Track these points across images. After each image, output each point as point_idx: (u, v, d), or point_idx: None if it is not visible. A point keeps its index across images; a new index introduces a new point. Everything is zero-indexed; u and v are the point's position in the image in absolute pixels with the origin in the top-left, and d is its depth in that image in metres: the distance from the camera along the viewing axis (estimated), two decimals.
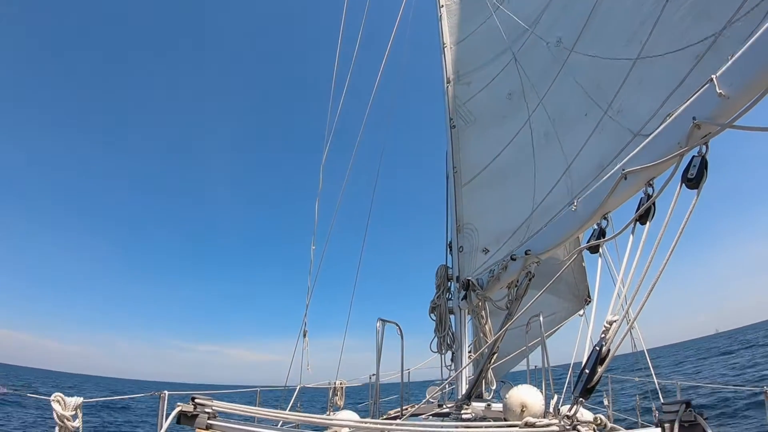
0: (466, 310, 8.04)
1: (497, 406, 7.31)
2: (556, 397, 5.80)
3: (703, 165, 3.09)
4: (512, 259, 6.13)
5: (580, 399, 3.40)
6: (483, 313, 7.48)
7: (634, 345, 7.71)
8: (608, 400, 9.13)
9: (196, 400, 4.02)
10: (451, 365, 8.93)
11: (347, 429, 5.37)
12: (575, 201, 4.73)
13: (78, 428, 4.13)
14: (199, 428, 3.91)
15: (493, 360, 6.94)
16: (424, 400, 7.94)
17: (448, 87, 9.65)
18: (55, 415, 4.01)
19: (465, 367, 7.66)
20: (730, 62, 2.90)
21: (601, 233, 4.29)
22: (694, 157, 3.17)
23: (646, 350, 8.15)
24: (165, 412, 5.88)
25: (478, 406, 7.20)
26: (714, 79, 2.97)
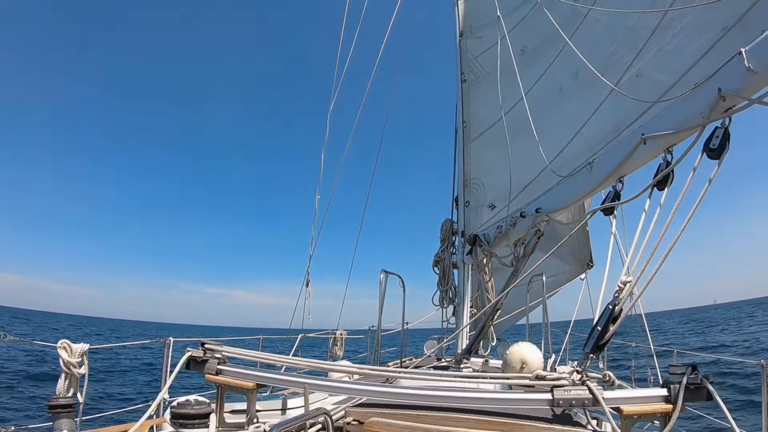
0: (470, 265, 8.13)
1: (495, 363, 7.46)
2: (553, 356, 5.91)
3: (726, 137, 3.15)
4: (522, 216, 6.18)
5: (591, 355, 3.52)
6: (487, 269, 7.57)
7: (634, 308, 7.83)
8: (603, 363, 9.28)
9: (206, 346, 4.10)
10: (451, 319, 9.06)
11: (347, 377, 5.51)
12: (591, 162, 4.78)
13: (84, 375, 4.22)
14: (208, 374, 4.00)
15: (495, 317, 7.06)
16: (424, 356, 8.07)
17: (460, 40, 9.59)
18: (61, 362, 4.10)
19: (469, 324, 7.79)
20: (761, 37, 2.94)
21: (616, 196, 4.36)
22: (717, 128, 3.22)
23: (644, 314, 8.27)
24: (170, 359, 5.99)
25: (476, 361, 7.34)
26: (743, 52, 3.01)
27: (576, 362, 3.58)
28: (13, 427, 4.67)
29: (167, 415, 4.20)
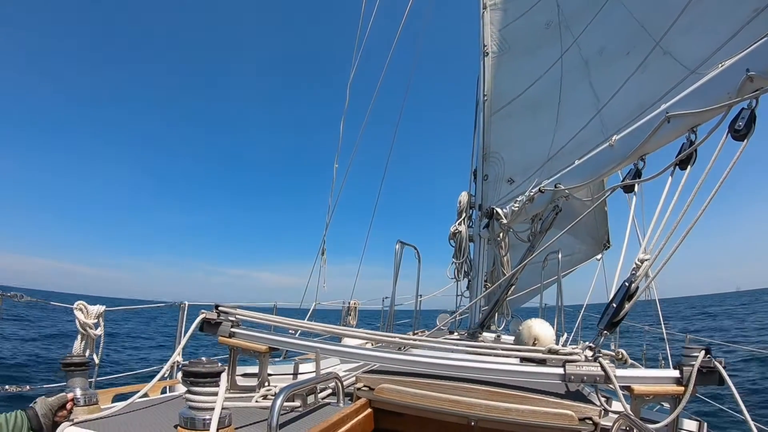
0: (486, 239, 8.11)
1: (507, 338, 7.47)
2: (565, 335, 5.90)
3: (752, 119, 3.11)
4: (540, 191, 6.14)
5: (605, 332, 3.52)
6: (503, 243, 7.54)
7: (648, 293, 7.79)
8: (615, 345, 9.28)
9: (219, 308, 4.13)
10: (464, 293, 9.08)
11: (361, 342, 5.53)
12: (613, 138, 4.73)
13: (100, 336, 4.28)
14: (222, 336, 4.04)
15: (509, 291, 7.05)
16: (435, 328, 8.11)
17: (483, 12, 9.44)
18: (77, 323, 4.16)
19: (482, 296, 7.79)
20: None
21: (637, 173, 4.32)
22: (743, 109, 3.19)
23: (657, 298, 8.23)
24: (185, 322, 6.06)
25: (488, 336, 7.36)
26: None
27: (588, 342, 3.59)
28: (28, 386, 4.76)
29: (180, 375, 4.26)
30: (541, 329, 5.07)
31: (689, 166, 3.64)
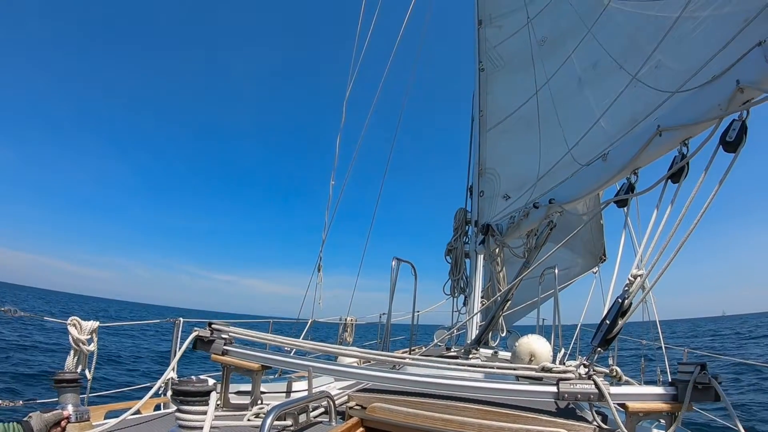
0: (482, 255, 8.10)
1: (504, 354, 7.44)
2: (563, 350, 5.87)
3: (743, 130, 3.10)
4: (535, 206, 6.15)
5: (598, 349, 3.48)
6: (499, 259, 7.54)
7: (648, 314, 7.72)
8: (613, 360, 9.20)
9: (212, 326, 4.11)
10: (461, 309, 9.05)
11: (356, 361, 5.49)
12: (605, 153, 4.73)
13: (93, 352, 4.25)
14: (214, 354, 4.02)
15: (506, 307, 7.03)
16: (432, 344, 8.06)
17: (479, 29, 9.49)
18: (71, 339, 4.13)
19: (477, 312, 7.76)
20: None
21: (630, 188, 4.31)
22: (734, 120, 3.18)
23: (656, 310, 8.18)
24: (179, 339, 6.03)
25: (485, 352, 7.32)
26: (762, 44, 2.95)
27: (584, 357, 3.55)
28: (21, 402, 4.72)
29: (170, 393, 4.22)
30: (538, 345, 5.04)
31: (681, 180, 3.62)
